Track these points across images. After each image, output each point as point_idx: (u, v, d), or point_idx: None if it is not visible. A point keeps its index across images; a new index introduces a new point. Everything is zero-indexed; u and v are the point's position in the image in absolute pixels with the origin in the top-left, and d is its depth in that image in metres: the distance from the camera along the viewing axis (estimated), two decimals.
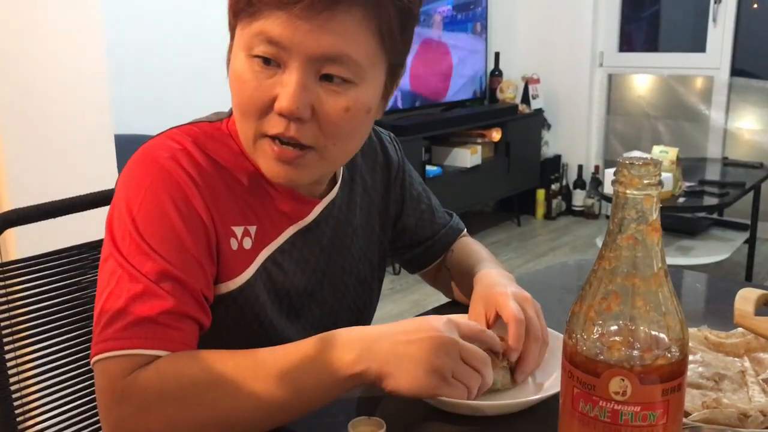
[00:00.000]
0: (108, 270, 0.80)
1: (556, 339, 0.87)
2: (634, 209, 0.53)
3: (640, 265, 0.54)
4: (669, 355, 0.53)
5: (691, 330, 0.86)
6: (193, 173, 0.84)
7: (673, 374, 0.53)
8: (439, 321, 0.75)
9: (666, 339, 0.53)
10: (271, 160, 0.82)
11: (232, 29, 0.84)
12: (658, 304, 0.54)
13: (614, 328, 0.54)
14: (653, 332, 0.54)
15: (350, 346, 0.74)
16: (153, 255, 0.79)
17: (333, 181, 0.97)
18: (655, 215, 0.53)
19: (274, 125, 0.80)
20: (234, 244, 0.87)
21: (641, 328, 0.54)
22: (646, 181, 0.52)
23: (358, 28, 0.77)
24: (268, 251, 0.90)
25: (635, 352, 0.53)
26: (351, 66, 0.78)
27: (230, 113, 0.92)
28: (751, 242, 3.54)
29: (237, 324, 0.89)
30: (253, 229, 0.89)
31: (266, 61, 0.78)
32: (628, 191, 0.53)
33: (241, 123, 0.84)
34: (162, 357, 0.77)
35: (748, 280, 3.56)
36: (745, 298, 0.69)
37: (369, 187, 1.06)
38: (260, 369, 0.75)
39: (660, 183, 0.53)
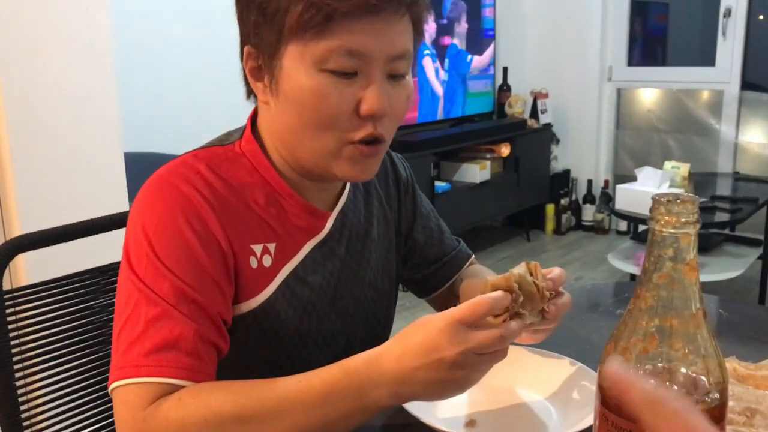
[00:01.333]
0: (125, 294, 0.80)
1: (582, 373, 0.85)
2: (671, 248, 0.51)
3: (678, 306, 0.52)
4: (709, 399, 0.51)
5: None
6: (208, 195, 0.84)
7: (714, 420, 0.51)
8: (443, 335, 0.70)
9: (705, 383, 0.51)
10: (354, 163, 0.85)
11: (275, 46, 0.82)
12: (697, 347, 0.52)
13: (652, 370, 0.52)
14: (692, 375, 0.51)
15: (376, 384, 0.72)
16: (170, 276, 0.79)
17: (340, 193, 0.99)
18: (692, 254, 0.51)
19: (362, 129, 0.83)
20: (254, 263, 0.87)
21: (680, 371, 0.51)
22: (683, 220, 0.50)
23: (408, 23, 0.84)
24: (289, 267, 0.91)
25: None
26: (409, 60, 0.85)
27: (242, 135, 0.92)
28: (764, 258, 3.50)
29: (257, 342, 0.89)
30: (272, 246, 0.89)
31: (343, 72, 0.80)
32: (664, 230, 0.51)
33: (316, 137, 0.84)
34: (184, 388, 0.76)
35: (762, 296, 3.52)
36: None
37: (383, 200, 1.07)
38: (285, 402, 0.73)
39: (698, 221, 0.51)
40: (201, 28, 3.13)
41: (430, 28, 4.13)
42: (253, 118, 0.94)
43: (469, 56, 4.48)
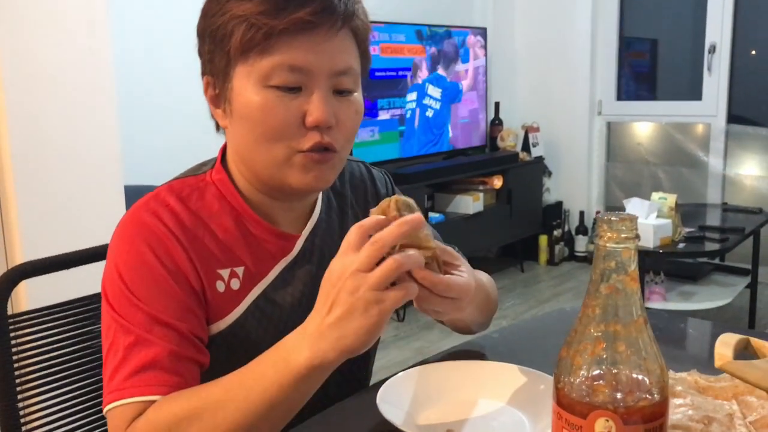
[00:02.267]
0: (105, 325, 0.88)
1: (544, 381, 0.91)
2: (614, 261, 0.58)
3: (621, 313, 0.58)
4: (650, 396, 0.57)
5: (681, 374, 0.89)
6: (174, 228, 0.90)
7: (655, 415, 0.57)
8: (333, 269, 0.76)
9: (647, 381, 0.57)
10: (306, 170, 0.90)
11: (225, 69, 0.89)
12: (638, 349, 0.58)
13: (598, 371, 0.58)
14: (635, 375, 0.57)
15: (299, 348, 0.76)
16: (141, 306, 0.86)
17: (309, 216, 1.03)
18: (633, 266, 0.57)
19: (310, 139, 0.88)
20: (221, 287, 0.93)
21: (623, 371, 0.57)
22: (623, 235, 0.57)
23: (351, 42, 0.91)
24: (258, 289, 0.96)
25: (618, 395, 0.57)
26: (354, 76, 0.91)
27: (213, 164, 0.99)
28: (752, 287, 3.55)
29: (229, 361, 0.92)
30: (240, 270, 0.95)
31: (287, 87, 0.86)
32: (608, 245, 0.57)
33: (267, 149, 0.89)
34: (153, 403, 0.83)
35: (751, 323, 3.57)
36: (725, 343, 0.72)
37: (360, 217, 1.10)
38: (228, 391, 0.80)
39: (637, 236, 0.57)
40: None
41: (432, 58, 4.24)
42: (225, 150, 1.00)
43: (461, 84, 4.57)
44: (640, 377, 0.57)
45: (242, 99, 0.88)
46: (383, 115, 4.00)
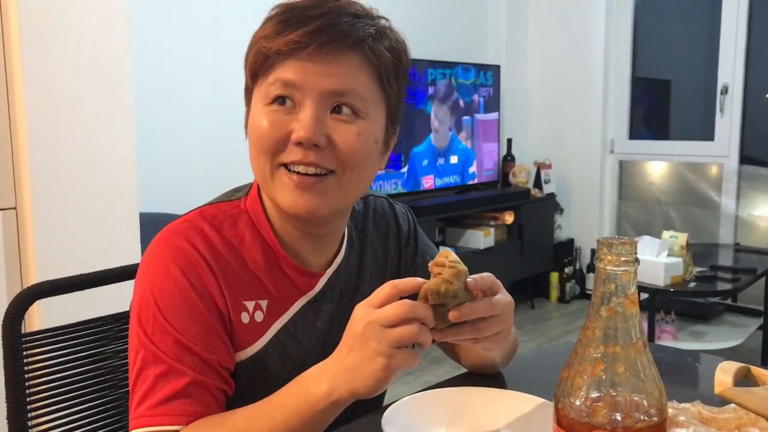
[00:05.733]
0: (134, 348, 0.89)
1: (546, 407, 0.91)
2: (614, 283, 0.59)
3: (621, 335, 0.59)
4: (648, 418, 0.58)
5: (685, 405, 0.89)
6: (207, 254, 0.92)
7: None
8: (356, 315, 0.81)
9: (645, 403, 0.58)
10: (289, 189, 0.90)
11: (250, 94, 0.94)
12: (637, 371, 0.59)
13: (598, 392, 0.59)
14: (634, 396, 0.58)
15: (318, 382, 0.82)
16: (174, 332, 0.87)
17: (336, 254, 1.04)
18: (632, 289, 0.59)
19: (292, 154, 0.89)
20: (245, 318, 0.94)
21: (622, 392, 0.58)
22: (623, 259, 0.58)
23: (360, 68, 0.90)
24: (280, 323, 0.97)
25: (617, 415, 0.58)
26: (356, 99, 0.90)
27: (247, 191, 1.00)
28: (765, 329, 3.52)
29: (247, 391, 0.95)
30: (264, 302, 0.96)
31: (281, 101, 0.89)
32: (608, 267, 0.59)
33: (257, 161, 0.92)
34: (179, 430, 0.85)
35: (764, 365, 3.52)
36: (725, 370, 0.73)
37: (380, 255, 1.11)
38: (253, 419, 0.83)
39: (636, 260, 0.59)
40: (219, 94, 3.25)
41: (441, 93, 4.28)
42: None
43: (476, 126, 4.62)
44: (638, 398, 0.58)
45: (250, 120, 0.93)
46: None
